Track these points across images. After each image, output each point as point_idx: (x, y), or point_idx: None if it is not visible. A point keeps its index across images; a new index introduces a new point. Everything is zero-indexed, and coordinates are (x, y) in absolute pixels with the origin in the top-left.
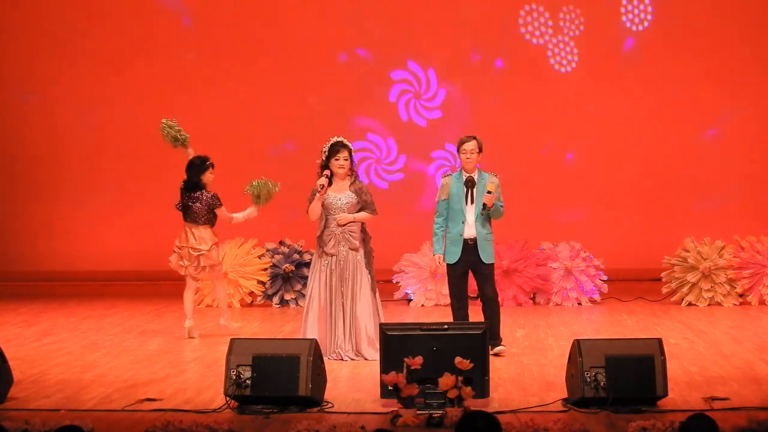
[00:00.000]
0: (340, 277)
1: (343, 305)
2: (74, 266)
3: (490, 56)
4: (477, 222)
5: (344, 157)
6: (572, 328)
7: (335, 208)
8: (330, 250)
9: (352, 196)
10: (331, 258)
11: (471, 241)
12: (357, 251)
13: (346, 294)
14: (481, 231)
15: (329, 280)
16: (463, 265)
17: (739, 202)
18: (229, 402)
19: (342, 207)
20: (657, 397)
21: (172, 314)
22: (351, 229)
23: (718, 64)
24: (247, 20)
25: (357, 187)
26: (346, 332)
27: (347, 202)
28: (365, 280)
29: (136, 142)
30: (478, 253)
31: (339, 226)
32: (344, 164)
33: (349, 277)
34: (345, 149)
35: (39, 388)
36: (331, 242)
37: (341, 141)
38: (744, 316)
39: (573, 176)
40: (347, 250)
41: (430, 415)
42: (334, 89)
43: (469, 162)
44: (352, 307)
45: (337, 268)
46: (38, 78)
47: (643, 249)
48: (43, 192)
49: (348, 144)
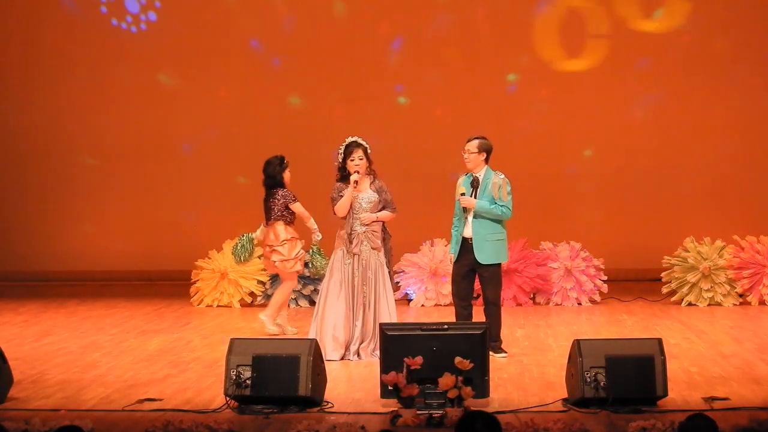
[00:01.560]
0: (362, 277)
1: (365, 306)
2: (74, 266)
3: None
4: (475, 221)
5: (359, 156)
6: (572, 328)
7: (358, 207)
8: (353, 249)
9: (374, 195)
10: (353, 258)
11: (469, 241)
12: (379, 251)
13: (368, 295)
14: (480, 231)
15: (351, 279)
16: (464, 264)
17: (740, 202)
18: (229, 402)
19: (364, 207)
20: (657, 397)
21: (172, 314)
22: (373, 228)
23: (718, 64)
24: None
25: (378, 186)
26: (366, 333)
27: (370, 201)
28: (387, 280)
29: (137, 142)
30: (474, 252)
31: (363, 225)
32: (360, 163)
33: (371, 277)
34: (359, 148)
35: (39, 388)
36: (355, 241)
37: (356, 141)
38: (744, 316)
39: (573, 176)
40: (369, 249)
41: (430, 415)
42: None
43: (467, 162)
44: (375, 308)
45: (360, 267)
46: (40, 78)
47: (643, 249)
48: (43, 192)
49: (363, 143)
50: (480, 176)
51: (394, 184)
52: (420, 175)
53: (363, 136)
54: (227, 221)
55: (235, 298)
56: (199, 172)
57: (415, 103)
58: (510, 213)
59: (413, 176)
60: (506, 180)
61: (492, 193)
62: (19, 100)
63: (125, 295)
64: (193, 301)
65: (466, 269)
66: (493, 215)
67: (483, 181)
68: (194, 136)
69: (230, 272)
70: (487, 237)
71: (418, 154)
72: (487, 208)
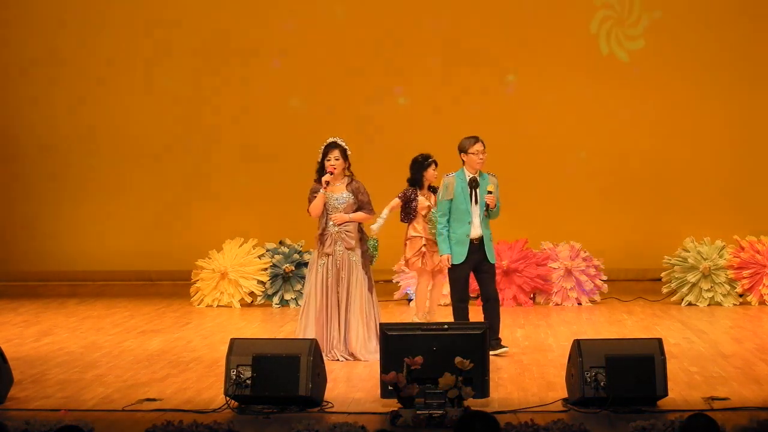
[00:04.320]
0: (336, 278)
1: (338, 305)
2: (74, 266)
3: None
4: (482, 222)
5: (335, 156)
6: (572, 328)
7: (332, 207)
8: (327, 249)
9: (350, 195)
10: (327, 258)
11: (477, 241)
12: (353, 251)
13: (341, 294)
14: (486, 231)
15: (325, 280)
16: (469, 265)
17: (740, 202)
18: (229, 402)
19: (338, 207)
20: (657, 397)
21: (173, 314)
22: (347, 228)
23: (719, 65)
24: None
25: (354, 187)
26: (340, 333)
27: (343, 202)
28: (361, 280)
29: (137, 142)
30: (485, 252)
31: (335, 225)
32: (335, 164)
33: (345, 277)
34: (337, 149)
35: (39, 388)
36: (328, 242)
37: (334, 141)
38: (744, 316)
39: (573, 176)
40: (343, 249)
41: (430, 415)
42: None
43: (481, 162)
44: (346, 308)
45: (333, 267)
46: (40, 77)
47: (643, 249)
48: (43, 192)
49: (341, 143)
50: (477, 176)
51: (393, 184)
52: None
53: (363, 136)
54: (227, 221)
55: (235, 298)
56: (200, 172)
57: (415, 103)
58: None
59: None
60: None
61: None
62: (18, 99)
63: (125, 295)
64: (193, 301)
65: (468, 270)
66: (497, 215)
67: (481, 182)
68: (194, 135)
69: (230, 272)
70: (490, 237)
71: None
72: (498, 207)
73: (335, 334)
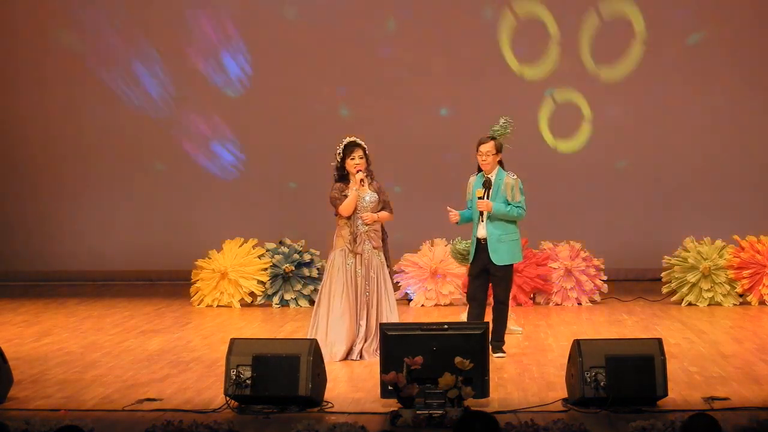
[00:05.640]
0: (365, 277)
1: (368, 305)
2: (74, 266)
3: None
4: (489, 223)
5: (359, 155)
6: (572, 328)
7: (361, 207)
8: (357, 249)
9: (375, 195)
10: (356, 257)
11: (483, 242)
12: (379, 250)
13: (371, 294)
14: (494, 232)
15: (355, 280)
16: (478, 265)
17: (739, 203)
18: (229, 402)
19: (366, 206)
20: (657, 397)
21: (172, 314)
22: (375, 228)
23: (719, 65)
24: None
25: (377, 186)
26: (369, 332)
27: (371, 201)
28: (388, 279)
29: (137, 142)
30: (489, 253)
31: (365, 224)
32: (360, 162)
33: (374, 276)
34: (359, 148)
35: (39, 388)
36: (358, 240)
37: (354, 140)
38: (744, 316)
39: (573, 176)
40: (371, 249)
41: (430, 415)
42: None
43: (485, 164)
44: (377, 307)
45: (362, 267)
46: (40, 77)
47: (643, 249)
48: (43, 192)
49: (361, 143)
50: (492, 177)
51: (395, 183)
52: (421, 175)
53: (365, 134)
54: (227, 221)
55: (235, 298)
56: (200, 172)
57: (417, 102)
58: (524, 213)
59: (414, 176)
60: (518, 179)
61: (505, 194)
62: (18, 100)
63: (125, 295)
64: (193, 301)
65: (479, 269)
66: (509, 217)
67: (495, 182)
68: (194, 135)
69: (230, 272)
70: (500, 238)
71: (418, 154)
72: (503, 210)
73: (362, 334)
